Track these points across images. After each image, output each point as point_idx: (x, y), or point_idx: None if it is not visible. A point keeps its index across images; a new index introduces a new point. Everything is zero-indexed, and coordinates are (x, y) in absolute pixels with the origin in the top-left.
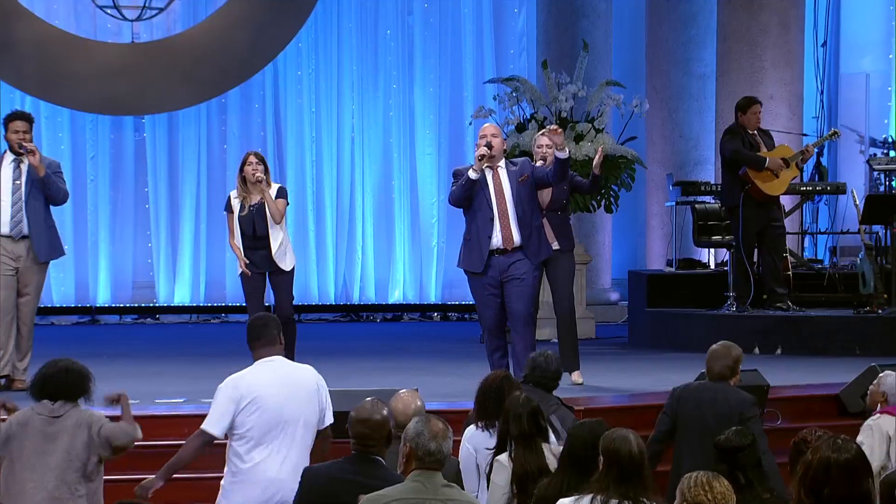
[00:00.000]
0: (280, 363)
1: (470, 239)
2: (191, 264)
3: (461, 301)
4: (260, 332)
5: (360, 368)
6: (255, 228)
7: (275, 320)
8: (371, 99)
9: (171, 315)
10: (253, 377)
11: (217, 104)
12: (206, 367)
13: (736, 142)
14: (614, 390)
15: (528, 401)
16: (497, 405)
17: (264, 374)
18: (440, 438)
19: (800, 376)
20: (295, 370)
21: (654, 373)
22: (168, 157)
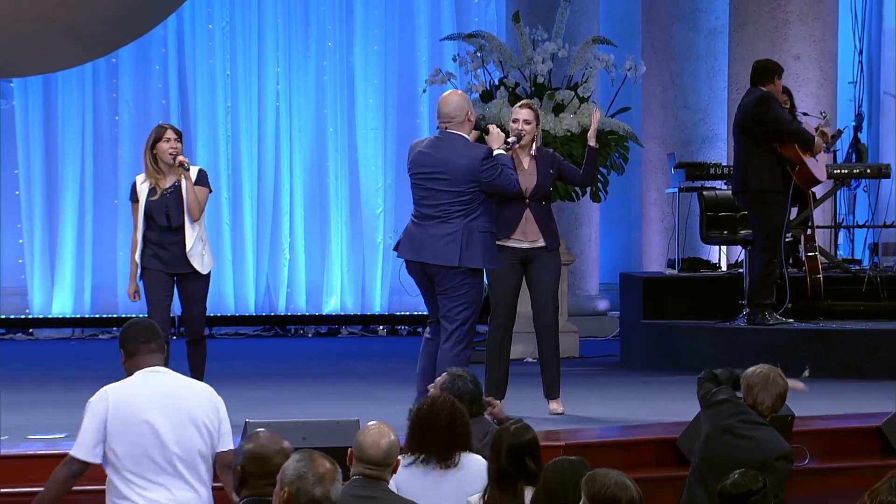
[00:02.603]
0: (168, 376)
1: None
2: (73, 266)
3: (411, 311)
4: (146, 335)
5: (285, 395)
6: (169, 218)
7: (157, 329)
8: (300, 59)
9: (49, 329)
10: (127, 389)
11: (106, 65)
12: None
13: (783, 111)
14: (601, 421)
15: (523, 432)
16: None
17: (144, 386)
18: (327, 482)
19: (833, 404)
20: (184, 385)
21: (650, 400)
22: (44, 131)
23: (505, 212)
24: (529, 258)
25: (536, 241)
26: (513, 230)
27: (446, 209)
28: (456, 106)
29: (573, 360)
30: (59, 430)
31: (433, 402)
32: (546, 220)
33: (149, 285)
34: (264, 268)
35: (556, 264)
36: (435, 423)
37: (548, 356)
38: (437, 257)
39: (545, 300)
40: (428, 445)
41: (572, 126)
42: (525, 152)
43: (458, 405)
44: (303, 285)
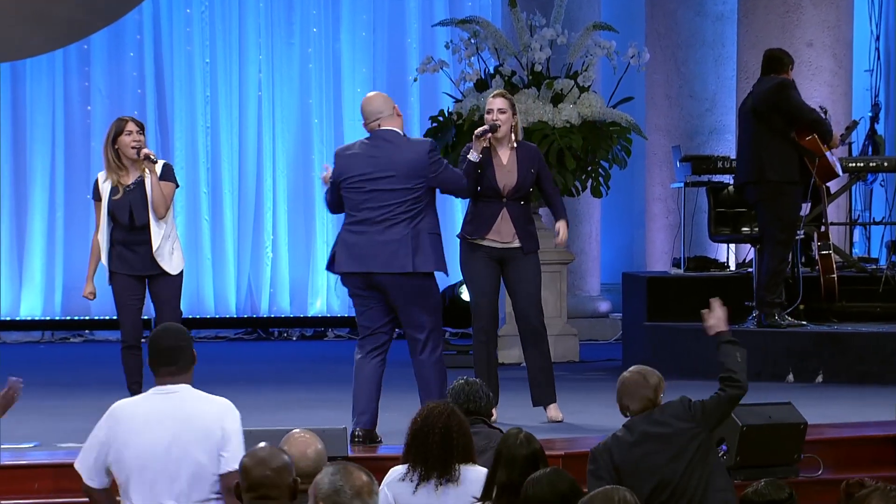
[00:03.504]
0: (180, 394)
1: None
2: (43, 265)
3: None
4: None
5: (268, 401)
6: (132, 217)
7: (187, 337)
8: (284, 46)
9: (16, 332)
10: (133, 407)
11: (77, 52)
12: (64, 400)
13: (802, 99)
14: (603, 430)
15: (529, 441)
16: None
17: (150, 406)
18: (365, 495)
19: (847, 411)
20: (195, 404)
21: None
22: (11, 122)
23: (481, 210)
24: (505, 259)
25: (511, 243)
26: (487, 230)
27: (391, 211)
28: (381, 102)
29: (573, 365)
30: (28, 440)
31: (429, 412)
32: (524, 222)
33: (116, 290)
34: (246, 267)
35: (535, 266)
36: (430, 434)
37: (535, 363)
38: (388, 265)
39: (525, 305)
40: (424, 458)
41: (571, 117)
42: (503, 145)
43: (456, 414)
44: (286, 285)
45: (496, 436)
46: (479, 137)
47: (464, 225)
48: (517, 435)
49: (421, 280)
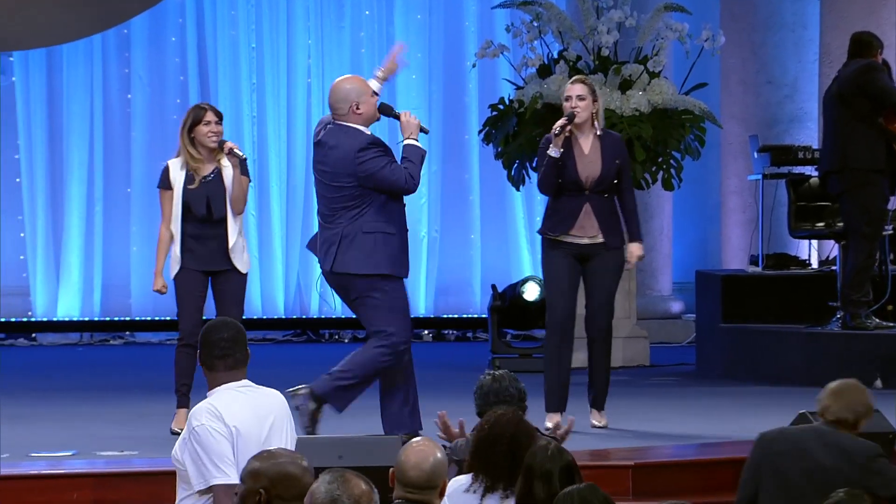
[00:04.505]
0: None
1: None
2: (81, 263)
3: (460, 314)
4: (224, 346)
5: None
6: (210, 209)
7: (242, 331)
8: (334, 30)
9: (53, 334)
10: (229, 407)
11: (116, 37)
12: (103, 405)
13: (891, 81)
14: (675, 438)
15: (561, 453)
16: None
17: (238, 403)
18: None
19: None
20: (267, 396)
21: (731, 414)
22: (47, 111)
23: (562, 205)
24: (587, 255)
25: (595, 238)
26: (570, 225)
27: (330, 208)
28: (340, 97)
29: (643, 369)
30: (65, 448)
31: (496, 420)
32: (608, 215)
33: (181, 284)
34: (294, 265)
35: (617, 263)
36: (497, 443)
37: (597, 364)
38: (322, 262)
39: (598, 302)
40: (490, 469)
41: (641, 105)
42: (584, 134)
43: (524, 423)
44: None
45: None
46: (557, 135)
47: (544, 220)
48: (547, 447)
49: (352, 281)
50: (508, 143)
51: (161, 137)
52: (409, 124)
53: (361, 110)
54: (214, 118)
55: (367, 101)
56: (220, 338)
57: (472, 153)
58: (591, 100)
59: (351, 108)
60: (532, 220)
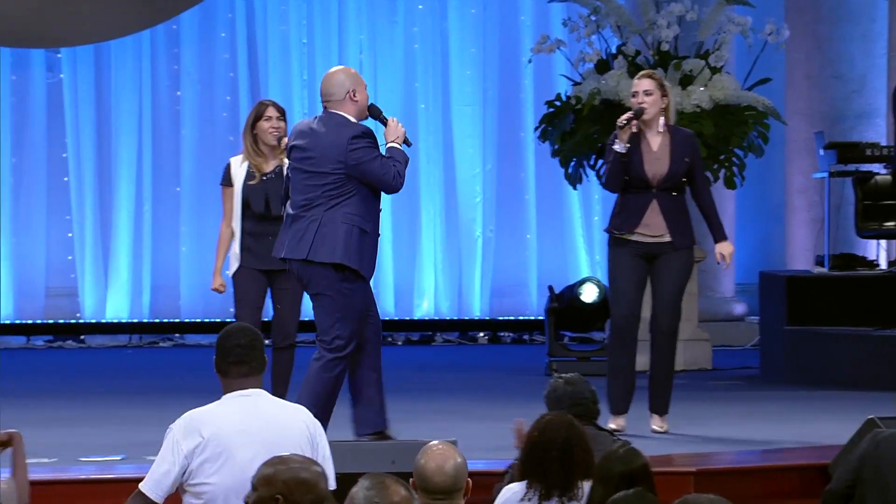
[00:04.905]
0: (260, 400)
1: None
2: (129, 264)
3: (515, 316)
4: (240, 352)
5: None
6: (268, 206)
7: (260, 338)
8: (387, 25)
9: (102, 336)
10: (217, 417)
11: (166, 32)
12: (152, 409)
13: None
14: (738, 443)
15: (634, 455)
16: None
17: (235, 413)
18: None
19: None
20: (280, 411)
21: (796, 420)
22: (95, 109)
23: (628, 202)
24: (653, 255)
25: (662, 237)
26: (635, 223)
27: (311, 197)
28: (335, 82)
29: (705, 373)
30: (115, 451)
31: (547, 424)
32: (676, 214)
33: (239, 284)
34: None
35: (684, 264)
36: (550, 449)
37: (659, 367)
38: (293, 250)
39: (663, 303)
40: (543, 476)
41: (702, 101)
42: (652, 130)
43: (575, 427)
44: (391, 286)
45: (607, 439)
46: (622, 127)
47: (611, 218)
48: (617, 449)
49: (329, 278)
50: (565, 140)
51: (210, 135)
52: (395, 129)
53: (358, 98)
54: (276, 114)
55: (363, 93)
56: (235, 344)
57: (527, 151)
58: (660, 95)
59: (348, 94)
60: (589, 220)
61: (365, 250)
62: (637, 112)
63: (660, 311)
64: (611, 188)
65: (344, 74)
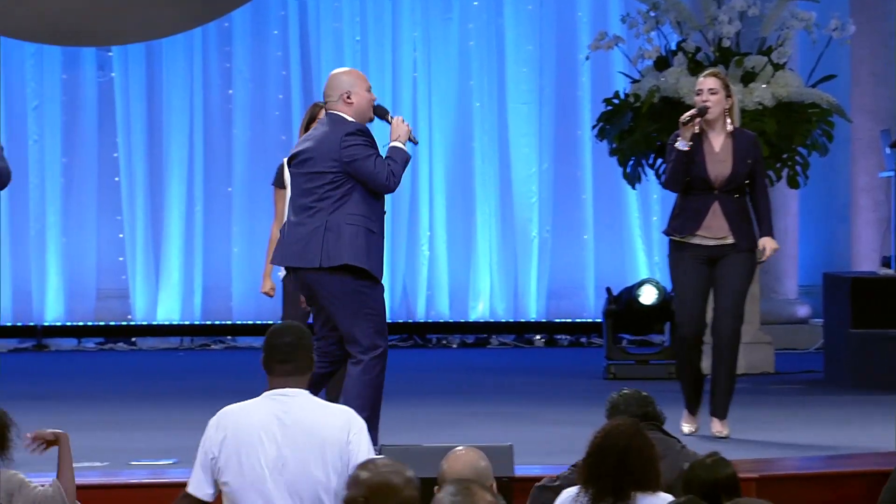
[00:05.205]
0: (296, 400)
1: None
2: (180, 265)
3: (573, 318)
4: (285, 352)
5: (425, 415)
6: None
7: (308, 337)
8: (441, 22)
9: (153, 338)
10: (245, 414)
11: (217, 30)
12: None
13: None
14: (802, 449)
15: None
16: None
17: (263, 410)
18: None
19: None
20: (315, 412)
21: (861, 425)
22: (146, 108)
23: (689, 204)
24: (715, 258)
25: (725, 239)
26: (696, 226)
27: (312, 198)
28: (332, 84)
29: (767, 377)
30: (166, 456)
31: (611, 429)
32: (739, 217)
33: (288, 287)
34: (400, 267)
35: (747, 266)
36: (607, 454)
37: (721, 370)
38: (302, 258)
39: (725, 305)
40: (598, 480)
41: (764, 98)
42: (716, 131)
43: (641, 435)
44: (445, 287)
45: (673, 445)
46: (685, 124)
47: (670, 220)
48: (705, 459)
49: (333, 277)
50: (623, 139)
51: (262, 134)
52: (398, 128)
53: (352, 100)
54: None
55: (361, 94)
56: (282, 342)
57: (584, 150)
58: (724, 95)
59: (341, 96)
60: (648, 220)
61: (373, 251)
62: (701, 110)
63: (722, 314)
64: (672, 188)
65: (343, 76)
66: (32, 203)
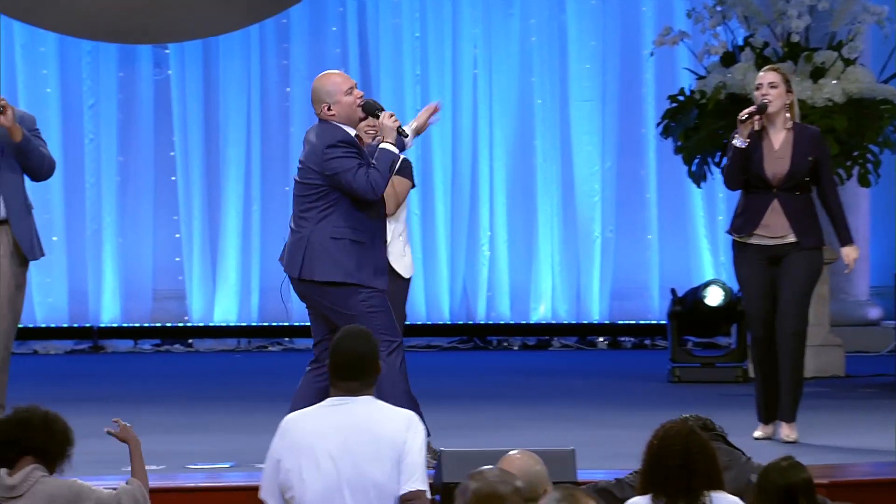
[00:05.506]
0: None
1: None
2: (238, 265)
3: (637, 320)
4: (350, 358)
5: (485, 418)
6: None
7: (373, 342)
8: (502, 17)
9: (210, 339)
10: (307, 421)
11: (275, 27)
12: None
13: None
14: (874, 454)
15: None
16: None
17: (324, 418)
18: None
19: None
20: (372, 419)
21: None
22: (203, 106)
23: (749, 203)
24: (778, 257)
25: (785, 238)
26: (756, 225)
27: (302, 207)
28: (314, 98)
29: (837, 380)
30: (223, 459)
31: (666, 432)
32: (801, 214)
33: None
34: (460, 267)
35: (810, 265)
36: (668, 457)
37: (785, 372)
38: (289, 266)
39: (787, 305)
40: (664, 487)
41: (834, 94)
42: (776, 127)
43: (696, 434)
44: (506, 288)
45: (738, 457)
46: (743, 121)
47: (732, 219)
48: (780, 462)
49: (322, 289)
50: (688, 136)
51: None
52: (384, 127)
53: (334, 111)
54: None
55: (341, 100)
56: (346, 349)
57: (648, 148)
58: (785, 89)
59: (322, 109)
60: (713, 220)
61: (364, 261)
62: (761, 107)
63: (784, 313)
64: (730, 186)
65: (319, 87)
66: (89, 203)
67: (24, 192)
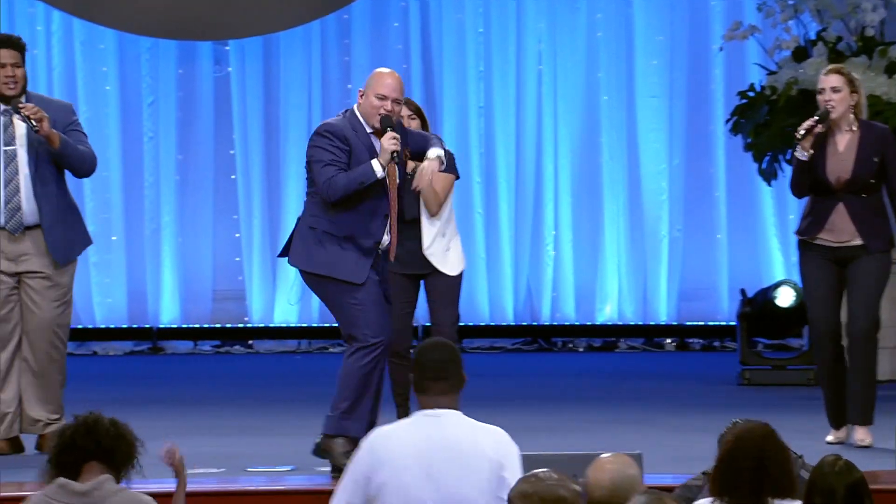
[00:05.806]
0: (446, 421)
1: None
2: None
3: (705, 321)
4: (437, 369)
5: (551, 421)
6: (402, 209)
7: (457, 353)
8: (568, 12)
9: (270, 341)
10: (395, 437)
11: (336, 22)
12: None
13: None
14: None
15: (849, 469)
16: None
17: (412, 434)
18: None
19: None
20: (463, 434)
21: None
22: (263, 103)
23: (815, 204)
24: (845, 259)
25: (850, 241)
26: (821, 227)
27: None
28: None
29: None
30: (284, 462)
31: (742, 432)
32: (868, 216)
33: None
34: (524, 267)
35: (880, 268)
36: (741, 460)
37: (855, 374)
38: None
39: (856, 307)
40: (732, 488)
41: None
42: (842, 130)
43: (773, 438)
44: (571, 288)
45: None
46: (803, 137)
47: (800, 220)
48: (835, 462)
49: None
50: (759, 133)
51: None
52: (382, 144)
53: (362, 101)
54: (407, 113)
55: (370, 98)
56: (432, 359)
57: (717, 145)
58: (849, 91)
59: (360, 93)
60: (784, 218)
61: (344, 256)
62: (822, 116)
63: (852, 316)
64: (797, 194)
65: (370, 76)
66: (147, 202)
67: (63, 196)
